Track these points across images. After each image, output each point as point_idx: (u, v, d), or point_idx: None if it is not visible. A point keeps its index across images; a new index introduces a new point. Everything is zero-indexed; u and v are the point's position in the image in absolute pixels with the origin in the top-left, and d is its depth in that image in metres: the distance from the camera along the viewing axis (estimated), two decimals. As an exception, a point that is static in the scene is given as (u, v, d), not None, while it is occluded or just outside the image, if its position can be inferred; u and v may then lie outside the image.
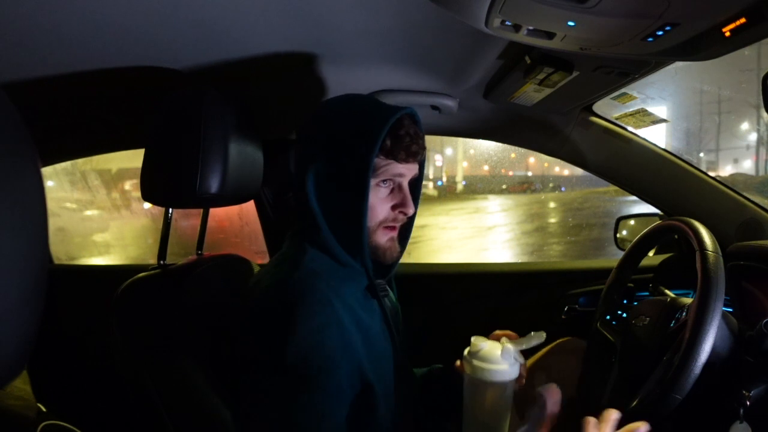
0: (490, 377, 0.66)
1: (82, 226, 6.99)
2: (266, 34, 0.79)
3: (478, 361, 0.67)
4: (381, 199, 0.74)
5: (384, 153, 0.72)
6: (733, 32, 0.57)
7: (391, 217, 0.75)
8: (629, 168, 1.26)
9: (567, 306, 1.34)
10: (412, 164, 0.76)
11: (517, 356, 0.68)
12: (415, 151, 0.74)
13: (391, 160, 0.73)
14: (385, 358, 0.76)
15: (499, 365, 0.66)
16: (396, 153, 0.72)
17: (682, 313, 0.83)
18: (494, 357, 0.67)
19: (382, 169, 0.73)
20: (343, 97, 0.79)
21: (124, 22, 0.69)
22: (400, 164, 0.74)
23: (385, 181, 0.74)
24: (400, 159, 0.73)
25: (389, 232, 0.76)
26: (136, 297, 0.76)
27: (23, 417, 0.40)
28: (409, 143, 0.73)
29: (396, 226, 0.77)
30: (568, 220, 10.91)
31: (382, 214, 0.74)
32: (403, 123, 0.73)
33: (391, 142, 0.72)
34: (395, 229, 0.77)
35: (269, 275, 0.73)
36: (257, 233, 1.45)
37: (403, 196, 0.75)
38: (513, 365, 0.67)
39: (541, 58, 0.82)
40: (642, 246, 1.02)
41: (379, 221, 0.74)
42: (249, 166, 0.88)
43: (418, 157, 0.75)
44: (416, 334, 1.11)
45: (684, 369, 0.69)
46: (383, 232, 0.75)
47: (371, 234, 0.74)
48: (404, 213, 0.75)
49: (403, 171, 0.74)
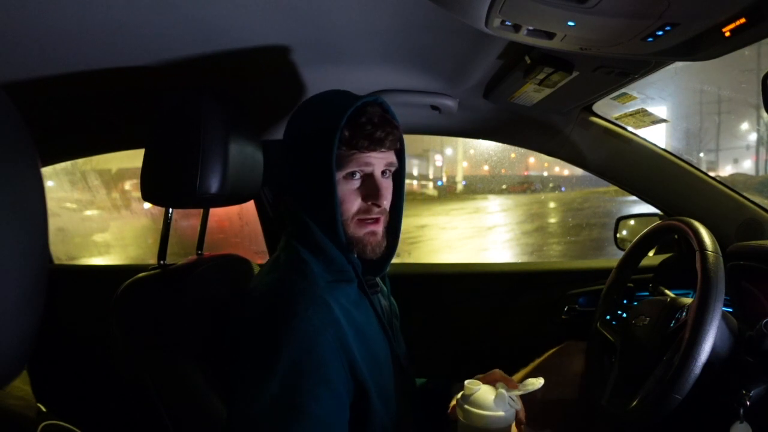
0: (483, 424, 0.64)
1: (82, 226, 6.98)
2: (266, 34, 0.79)
3: (471, 407, 0.65)
4: (351, 191, 0.72)
5: (345, 144, 0.70)
6: (733, 32, 0.57)
7: (363, 209, 0.73)
8: (629, 168, 1.26)
9: (567, 306, 1.34)
10: (382, 153, 0.73)
11: (512, 402, 0.66)
12: (380, 137, 0.71)
13: (353, 151, 0.71)
14: (383, 358, 0.76)
15: (493, 412, 0.64)
16: (356, 142, 0.70)
17: (682, 313, 0.83)
18: (488, 403, 0.65)
19: (347, 160, 0.71)
20: (314, 96, 0.78)
21: (124, 22, 0.69)
22: (364, 153, 0.71)
23: (353, 172, 0.72)
24: (362, 148, 0.71)
25: (367, 225, 0.74)
26: (136, 297, 0.76)
27: (23, 417, 0.40)
28: (372, 130, 0.70)
29: (374, 219, 0.74)
30: (568, 220, 10.91)
31: (354, 206, 0.73)
32: (365, 111, 0.71)
33: (350, 132, 0.70)
34: (377, 222, 0.74)
35: (264, 280, 0.73)
36: (257, 233, 1.45)
37: (372, 186, 0.73)
38: (507, 411, 0.65)
39: (541, 58, 0.82)
40: (642, 246, 1.02)
41: (352, 214, 0.73)
42: (249, 166, 0.88)
43: (385, 145, 0.72)
44: (416, 334, 1.11)
45: (684, 369, 0.69)
46: (358, 225, 0.74)
47: (347, 228, 0.73)
48: (376, 204, 0.73)
49: (370, 160, 0.72)
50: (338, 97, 0.74)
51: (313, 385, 0.62)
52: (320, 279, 0.71)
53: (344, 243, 0.72)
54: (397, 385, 0.77)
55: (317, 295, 0.67)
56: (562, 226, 10.23)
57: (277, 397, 0.61)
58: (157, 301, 0.76)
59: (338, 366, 0.65)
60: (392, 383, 0.76)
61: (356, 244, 0.74)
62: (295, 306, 0.65)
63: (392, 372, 0.77)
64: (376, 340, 0.75)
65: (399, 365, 0.80)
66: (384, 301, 0.87)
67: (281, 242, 0.78)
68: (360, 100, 0.71)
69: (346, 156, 0.71)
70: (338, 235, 0.71)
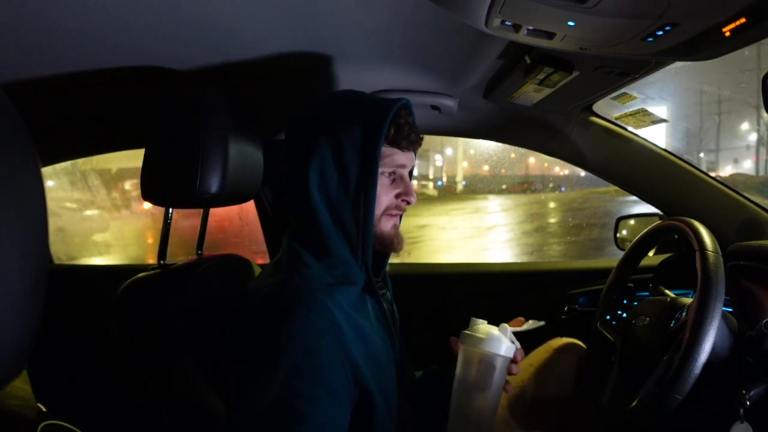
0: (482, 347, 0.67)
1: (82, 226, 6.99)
2: (266, 34, 0.79)
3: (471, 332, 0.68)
4: (386, 187, 0.76)
5: (388, 142, 0.74)
6: (733, 32, 0.57)
7: (394, 205, 0.77)
8: (629, 168, 1.26)
9: (567, 306, 1.34)
10: (411, 154, 0.78)
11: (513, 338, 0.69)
12: (414, 140, 0.76)
13: (394, 149, 0.75)
14: (385, 361, 0.75)
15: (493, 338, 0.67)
16: (399, 142, 0.74)
17: (682, 313, 0.83)
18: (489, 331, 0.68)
19: (387, 158, 0.74)
20: (336, 94, 0.80)
21: (124, 22, 0.69)
22: (402, 153, 0.76)
23: (392, 171, 0.76)
24: (402, 147, 0.75)
25: (392, 219, 0.78)
26: (136, 297, 0.76)
27: (23, 417, 0.40)
28: (409, 132, 0.75)
29: (398, 215, 0.79)
30: (568, 220, 10.91)
31: (387, 202, 0.76)
32: (401, 114, 0.75)
33: (394, 131, 0.74)
34: (397, 216, 0.78)
35: (266, 282, 0.72)
36: (257, 233, 1.45)
37: (405, 184, 0.77)
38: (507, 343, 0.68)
39: (541, 58, 0.82)
40: (642, 246, 1.02)
41: (384, 209, 0.76)
42: (249, 166, 0.88)
43: (416, 146, 0.78)
44: (416, 333, 1.11)
45: (684, 369, 0.69)
46: (387, 219, 0.77)
47: (377, 222, 0.75)
48: (407, 201, 0.77)
49: (404, 161, 0.77)
50: (371, 98, 0.77)
51: (314, 388, 0.62)
52: (321, 282, 0.70)
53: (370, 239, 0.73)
54: (399, 388, 0.77)
55: (318, 299, 0.67)
56: (562, 226, 10.23)
57: (277, 401, 0.61)
58: (157, 301, 0.76)
59: (339, 370, 0.65)
60: (394, 385, 0.76)
61: (383, 240, 0.76)
62: (296, 310, 0.65)
63: (394, 374, 0.77)
64: (377, 343, 0.74)
65: (401, 367, 0.80)
66: (386, 305, 0.86)
67: (283, 244, 0.78)
68: (399, 102, 0.74)
69: (387, 154, 0.74)
70: (368, 232, 0.72)
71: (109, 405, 1.38)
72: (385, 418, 0.71)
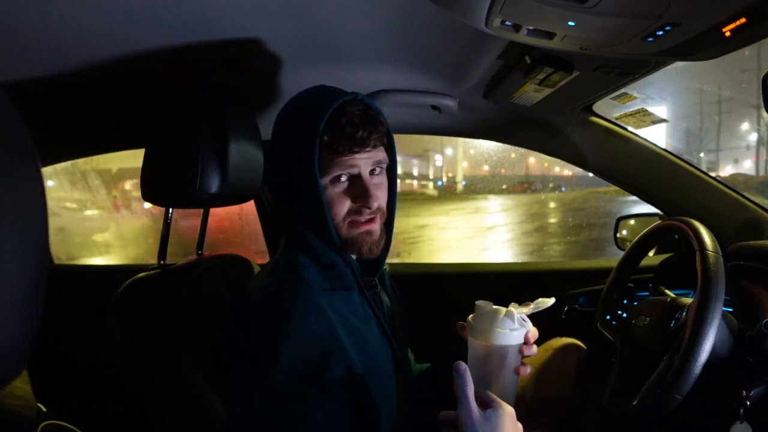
0: (491, 341, 0.63)
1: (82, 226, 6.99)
2: (267, 34, 0.79)
3: (478, 324, 0.65)
4: (339, 194, 0.70)
5: (326, 149, 0.68)
6: (733, 32, 0.57)
7: (354, 210, 0.71)
8: (629, 168, 1.26)
9: (567, 306, 1.34)
10: (367, 152, 0.70)
11: (522, 321, 0.65)
12: (362, 137, 0.68)
13: (335, 155, 0.68)
14: (383, 362, 0.75)
15: (500, 329, 0.63)
16: (337, 146, 0.68)
17: (682, 313, 0.83)
18: (496, 320, 0.64)
19: (331, 164, 0.68)
20: (294, 97, 0.75)
21: (125, 22, 0.69)
22: (347, 156, 0.68)
23: (339, 176, 0.69)
24: (343, 151, 0.68)
25: (360, 226, 0.71)
26: (136, 297, 0.76)
27: (23, 417, 0.40)
28: (352, 131, 0.67)
29: (367, 219, 0.71)
30: (568, 220, 10.91)
31: (344, 209, 0.70)
32: (345, 111, 0.68)
33: (330, 137, 0.67)
34: (371, 222, 0.72)
35: (263, 283, 0.72)
36: (257, 233, 1.45)
37: (361, 187, 0.70)
38: (516, 330, 0.64)
39: (541, 58, 0.82)
40: (642, 246, 1.02)
41: (342, 216, 0.71)
42: (249, 166, 0.88)
43: (369, 144, 0.69)
44: (416, 333, 1.10)
45: (684, 369, 0.69)
46: (351, 226, 0.72)
47: (339, 230, 0.71)
48: (366, 206, 0.70)
49: (355, 162, 0.69)
50: (318, 98, 0.71)
51: (314, 389, 0.62)
52: (317, 283, 0.70)
53: (338, 245, 0.71)
54: (398, 389, 0.76)
55: (314, 301, 0.67)
56: (562, 226, 10.23)
57: (277, 402, 0.61)
58: (157, 301, 0.76)
59: (337, 370, 0.65)
60: (393, 386, 0.76)
61: (352, 245, 0.73)
62: (294, 311, 0.65)
63: (393, 375, 0.77)
64: (375, 345, 0.74)
65: (400, 368, 0.80)
66: (387, 301, 0.86)
67: (281, 245, 0.78)
68: (338, 101, 0.68)
69: (329, 161, 0.68)
70: (331, 238, 0.70)
71: (109, 405, 1.38)
72: (384, 419, 0.71)
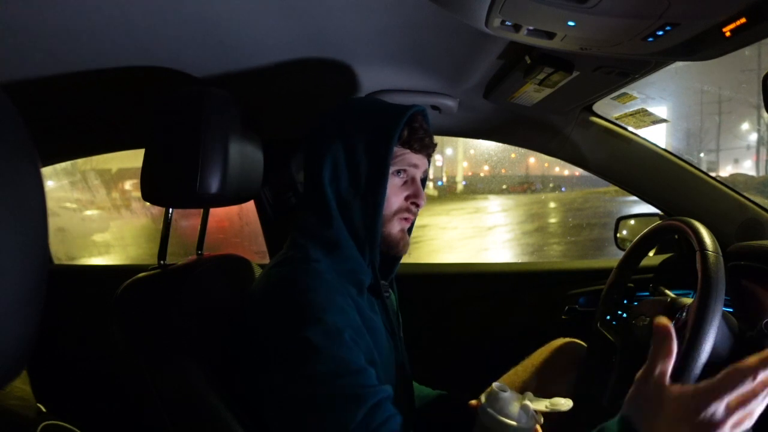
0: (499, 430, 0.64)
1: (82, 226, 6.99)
2: (266, 34, 0.79)
3: (492, 411, 0.65)
4: (396, 188, 0.77)
5: (401, 143, 0.76)
6: (733, 32, 0.57)
7: (404, 207, 0.78)
8: (629, 168, 1.26)
9: (567, 306, 1.34)
10: (424, 157, 0.80)
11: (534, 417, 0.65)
12: (427, 143, 0.79)
13: (407, 150, 0.77)
14: (388, 362, 0.76)
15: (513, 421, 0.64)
16: (412, 143, 0.77)
17: (682, 314, 0.82)
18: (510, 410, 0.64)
19: (399, 158, 0.76)
20: (358, 98, 0.84)
21: (124, 22, 0.69)
22: (414, 155, 0.77)
23: (400, 171, 0.77)
24: (414, 149, 0.77)
25: (403, 223, 0.78)
26: (136, 297, 0.76)
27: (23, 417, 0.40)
28: (423, 135, 0.78)
29: (409, 218, 0.79)
30: (568, 220, 10.91)
31: (397, 203, 0.77)
32: (416, 118, 0.78)
33: (408, 133, 0.76)
34: (408, 220, 0.79)
35: (272, 274, 0.72)
36: (257, 233, 1.45)
37: (416, 187, 0.79)
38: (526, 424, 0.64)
39: (541, 58, 0.82)
40: (642, 246, 1.02)
41: (394, 211, 0.77)
42: (249, 166, 0.88)
43: (429, 150, 0.80)
44: (416, 334, 1.11)
45: (684, 369, 0.69)
46: (397, 222, 0.78)
47: (385, 223, 0.76)
48: (417, 204, 0.78)
49: (417, 162, 0.78)
50: (387, 102, 0.80)
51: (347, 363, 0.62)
52: (330, 277, 0.70)
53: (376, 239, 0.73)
54: (400, 389, 0.77)
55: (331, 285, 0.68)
56: (562, 226, 10.23)
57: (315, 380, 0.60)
58: (157, 301, 0.76)
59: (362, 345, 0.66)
60: (395, 384, 0.76)
61: (389, 241, 0.77)
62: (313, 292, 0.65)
63: (395, 373, 0.77)
64: (383, 344, 0.75)
65: (402, 369, 0.80)
66: (391, 304, 0.87)
67: (288, 240, 0.78)
68: (414, 108, 0.77)
69: (399, 153, 0.76)
70: (375, 231, 0.73)
71: (109, 405, 1.38)
72: None
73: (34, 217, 0.31)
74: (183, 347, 0.74)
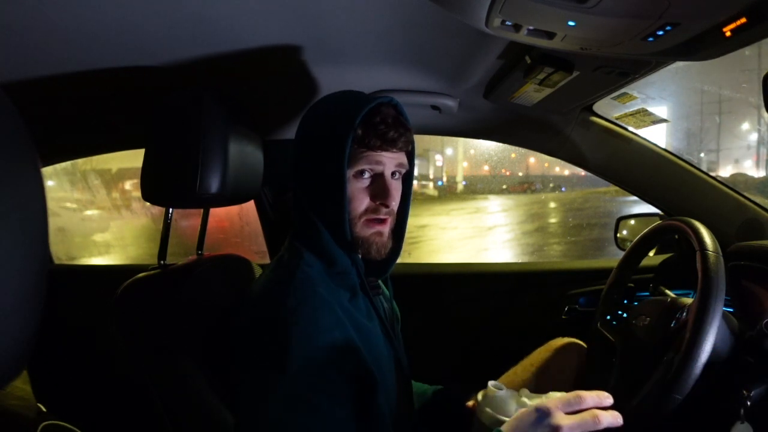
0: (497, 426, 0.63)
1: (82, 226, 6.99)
2: (266, 34, 0.79)
3: (490, 410, 0.65)
4: (360, 189, 0.72)
5: (357, 142, 0.70)
6: (733, 32, 0.57)
7: (371, 208, 0.73)
8: (629, 168, 1.26)
9: (567, 306, 1.34)
10: (393, 153, 0.73)
11: None
12: (392, 137, 0.71)
13: (365, 149, 0.71)
14: (385, 361, 0.76)
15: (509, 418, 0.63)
16: (369, 141, 0.70)
17: (682, 314, 0.82)
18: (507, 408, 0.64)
19: (358, 158, 0.71)
20: (327, 95, 0.77)
21: (124, 22, 0.69)
22: (376, 152, 0.71)
23: (363, 171, 0.72)
24: (374, 147, 0.71)
25: (374, 225, 0.73)
26: (136, 297, 0.76)
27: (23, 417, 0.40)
28: (385, 130, 0.70)
29: (381, 219, 0.74)
30: (568, 220, 10.91)
31: (362, 205, 0.72)
32: (379, 111, 0.71)
33: (363, 131, 0.70)
34: (382, 222, 0.74)
35: (267, 280, 0.73)
36: (257, 233, 1.45)
37: (382, 186, 0.72)
38: None
39: (542, 58, 0.82)
40: (642, 246, 1.02)
41: (360, 213, 0.72)
42: (249, 166, 0.88)
43: (397, 145, 0.72)
44: (416, 333, 1.11)
45: (684, 369, 0.69)
46: (366, 224, 0.73)
47: (353, 226, 0.73)
48: (384, 204, 0.72)
49: (381, 159, 0.72)
50: (352, 97, 0.74)
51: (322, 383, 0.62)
52: (323, 282, 0.70)
53: (349, 242, 0.72)
54: (398, 388, 0.77)
55: (323, 298, 0.67)
56: (562, 226, 10.23)
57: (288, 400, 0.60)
58: (157, 301, 0.76)
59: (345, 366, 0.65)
60: (394, 385, 0.76)
61: (362, 244, 0.74)
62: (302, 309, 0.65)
63: (394, 374, 0.77)
64: (378, 343, 0.75)
65: (400, 368, 0.80)
66: (386, 303, 0.87)
67: (286, 242, 0.78)
68: (375, 101, 0.71)
69: (357, 154, 0.71)
70: (344, 234, 0.71)
71: (109, 405, 1.38)
72: (387, 414, 0.71)
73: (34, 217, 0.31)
74: (183, 347, 0.74)
